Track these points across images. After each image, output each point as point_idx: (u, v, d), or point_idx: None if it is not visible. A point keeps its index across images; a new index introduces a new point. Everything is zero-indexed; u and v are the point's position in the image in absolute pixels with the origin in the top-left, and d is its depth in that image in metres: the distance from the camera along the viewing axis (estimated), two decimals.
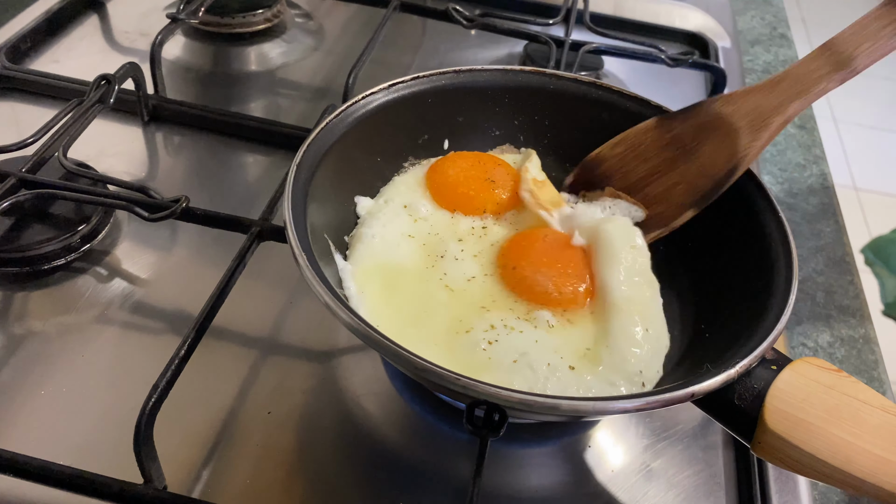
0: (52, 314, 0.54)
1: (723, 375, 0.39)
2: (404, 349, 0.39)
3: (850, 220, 0.75)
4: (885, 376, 0.60)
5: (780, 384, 0.39)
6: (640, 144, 0.56)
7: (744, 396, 0.40)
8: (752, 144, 0.51)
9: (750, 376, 0.40)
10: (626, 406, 0.39)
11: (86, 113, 0.61)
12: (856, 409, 0.38)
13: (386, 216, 0.55)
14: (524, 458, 0.50)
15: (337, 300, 0.41)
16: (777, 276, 0.46)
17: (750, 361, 0.40)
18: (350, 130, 0.54)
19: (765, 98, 0.51)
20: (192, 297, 0.54)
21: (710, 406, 0.41)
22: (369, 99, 0.56)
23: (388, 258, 0.52)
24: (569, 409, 0.38)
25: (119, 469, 0.43)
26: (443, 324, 0.49)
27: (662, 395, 0.39)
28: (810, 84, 0.50)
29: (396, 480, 0.47)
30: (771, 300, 0.44)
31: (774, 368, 0.40)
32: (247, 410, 0.50)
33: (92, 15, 0.87)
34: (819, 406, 0.38)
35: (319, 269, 0.44)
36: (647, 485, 0.49)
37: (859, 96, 2.80)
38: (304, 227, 0.47)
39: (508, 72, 0.61)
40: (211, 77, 0.81)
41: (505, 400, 0.38)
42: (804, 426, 0.38)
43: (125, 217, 0.62)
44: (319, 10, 0.95)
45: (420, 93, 0.58)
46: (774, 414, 0.39)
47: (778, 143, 0.84)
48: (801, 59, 0.51)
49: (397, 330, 0.44)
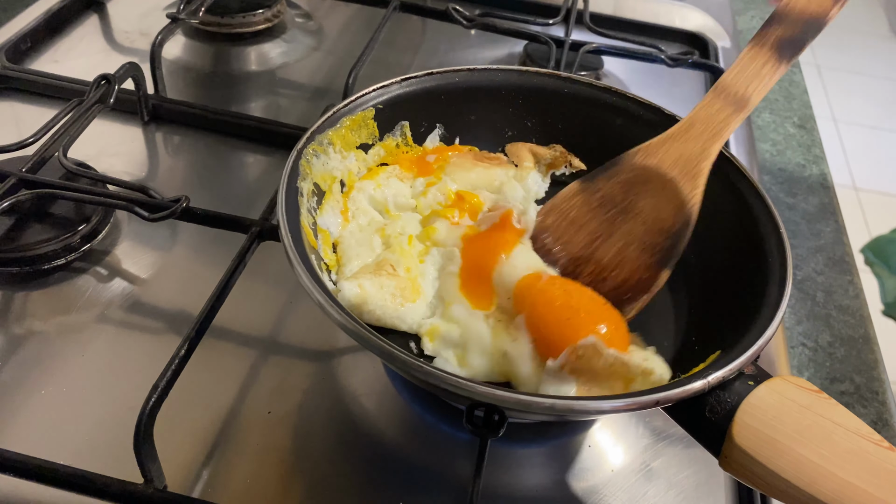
0: (52, 314, 0.54)
1: (691, 386, 0.39)
2: (398, 349, 0.39)
3: (850, 220, 0.75)
4: (885, 376, 0.60)
5: (753, 400, 0.39)
6: (569, 211, 0.55)
7: (716, 409, 0.39)
8: (694, 192, 0.51)
9: (725, 390, 0.39)
10: (589, 407, 0.39)
11: (86, 113, 0.61)
12: (829, 431, 0.37)
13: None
14: (524, 458, 0.50)
15: (329, 299, 0.41)
16: (768, 296, 0.45)
17: (723, 374, 0.39)
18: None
19: (685, 145, 0.53)
20: (192, 297, 0.54)
21: (680, 416, 0.41)
22: (381, 91, 0.56)
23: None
24: (539, 407, 0.39)
25: (119, 469, 0.43)
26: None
27: (625, 399, 0.39)
28: (719, 126, 0.52)
29: (396, 480, 0.47)
30: (757, 316, 0.44)
31: (751, 384, 0.40)
32: (247, 410, 0.50)
33: (92, 15, 0.87)
34: (790, 425, 0.38)
35: (312, 267, 0.44)
36: (647, 485, 0.49)
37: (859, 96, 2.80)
38: (297, 225, 0.47)
39: (524, 73, 0.61)
40: (211, 77, 0.81)
41: (500, 400, 0.38)
42: (772, 444, 0.37)
43: (125, 217, 0.62)
44: (319, 10, 0.95)
45: (433, 88, 0.58)
46: (743, 429, 0.38)
47: (778, 143, 0.84)
48: (701, 104, 0.54)
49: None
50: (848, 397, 0.58)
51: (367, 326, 0.41)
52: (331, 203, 0.54)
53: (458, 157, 0.60)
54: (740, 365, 0.40)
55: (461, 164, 0.59)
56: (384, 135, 0.58)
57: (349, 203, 0.55)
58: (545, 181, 0.61)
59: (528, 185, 0.60)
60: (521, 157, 0.61)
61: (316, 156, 0.52)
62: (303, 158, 0.51)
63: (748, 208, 0.51)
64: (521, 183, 0.60)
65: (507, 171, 0.60)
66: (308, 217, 0.50)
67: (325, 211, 0.53)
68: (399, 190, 0.57)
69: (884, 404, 0.58)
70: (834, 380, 0.59)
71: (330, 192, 0.54)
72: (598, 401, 0.40)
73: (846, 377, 0.60)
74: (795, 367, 0.60)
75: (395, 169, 0.58)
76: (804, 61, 0.99)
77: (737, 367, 0.40)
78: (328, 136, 0.54)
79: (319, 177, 0.53)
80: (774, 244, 0.48)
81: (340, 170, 0.55)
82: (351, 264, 0.52)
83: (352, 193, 0.56)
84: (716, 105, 0.53)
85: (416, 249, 0.53)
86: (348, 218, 0.55)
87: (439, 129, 0.61)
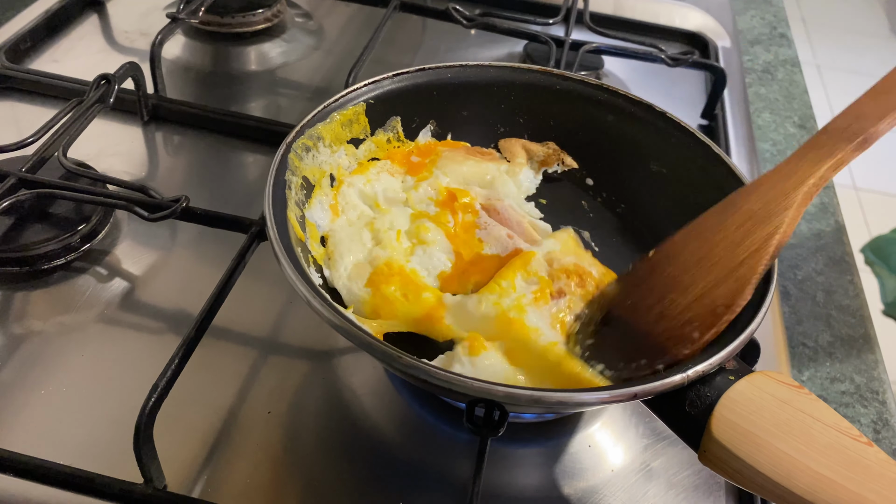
0: (52, 314, 0.54)
1: (670, 379, 0.39)
2: (392, 347, 0.39)
3: (850, 219, 0.75)
4: (885, 376, 0.60)
5: (732, 394, 0.39)
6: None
7: (695, 403, 0.39)
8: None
9: (705, 384, 0.40)
10: (573, 399, 0.40)
11: (86, 113, 0.61)
12: (807, 426, 0.37)
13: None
14: (524, 458, 0.50)
15: (319, 297, 0.41)
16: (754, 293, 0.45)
17: (703, 369, 0.39)
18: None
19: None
20: (192, 297, 0.54)
21: (661, 410, 0.41)
22: (372, 87, 0.56)
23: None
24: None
25: (119, 469, 0.43)
26: None
27: (602, 392, 0.40)
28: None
29: (396, 480, 0.47)
30: (743, 311, 0.44)
31: (732, 379, 0.40)
32: (247, 410, 0.50)
33: (92, 15, 0.87)
34: (769, 419, 0.38)
35: (297, 259, 0.44)
36: (647, 484, 0.49)
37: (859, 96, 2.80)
38: (283, 217, 0.47)
39: (516, 69, 0.61)
40: (211, 77, 0.81)
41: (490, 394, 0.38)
42: (749, 438, 0.37)
43: (125, 217, 0.62)
44: (319, 10, 0.95)
45: (425, 84, 0.59)
46: (721, 423, 0.38)
47: (778, 143, 0.84)
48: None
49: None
50: (848, 397, 0.58)
51: (351, 319, 0.41)
52: (319, 197, 0.54)
53: (450, 151, 0.60)
54: (720, 360, 0.40)
55: (453, 157, 0.59)
56: (376, 130, 0.58)
57: (339, 198, 0.55)
58: (537, 177, 0.61)
59: (520, 181, 0.60)
60: (514, 153, 0.61)
61: (306, 150, 0.53)
62: (292, 152, 0.51)
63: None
64: (513, 178, 0.60)
65: (498, 167, 0.60)
66: (296, 210, 0.50)
67: (313, 205, 0.53)
68: (389, 185, 0.57)
69: (884, 404, 0.58)
70: (834, 380, 0.59)
71: (319, 186, 0.54)
72: (579, 393, 0.41)
73: (846, 377, 0.60)
74: (795, 367, 0.60)
75: (385, 164, 0.58)
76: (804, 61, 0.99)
77: (717, 362, 0.40)
78: (318, 130, 0.54)
79: (308, 171, 0.53)
80: None
81: (330, 164, 0.55)
82: (344, 260, 0.52)
83: (342, 188, 0.56)
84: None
85: (405, 246, 0.54)
86: (338, 212, 0.55)
87: (431, 125, 0.61)
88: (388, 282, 0.50)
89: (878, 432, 0.56)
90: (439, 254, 0.54)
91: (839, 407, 0.57)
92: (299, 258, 0.46)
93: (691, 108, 0.85)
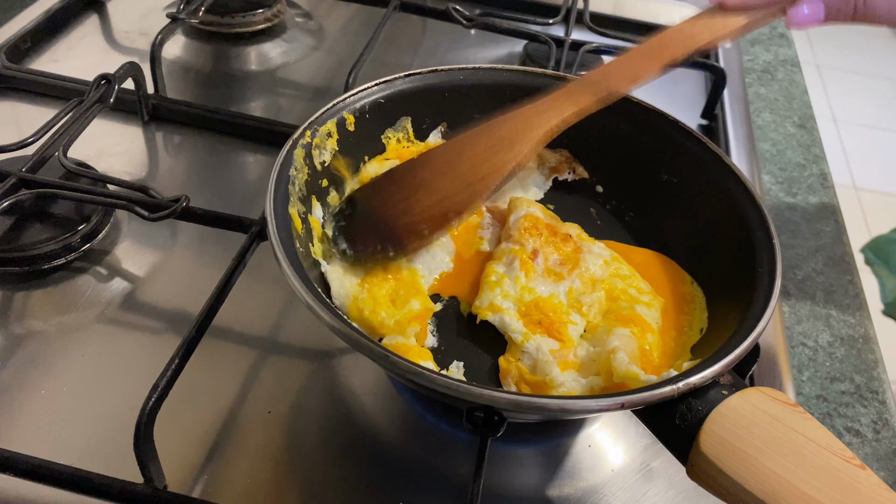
0: (52, 314, 0.54)
1: (660, 391, 0.39)
2: (389, 351, 0.39)
3: (850, 219, 0.75)
4: (885, 376, 0.60)
5: (723, 409, 0.38)
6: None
7: (686, 417, 0.38)
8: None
9: (698, 398, 0.39)
10: (544, 403, 0.39)
11: (86, 113, 0.61)
12: (799, 446, 0.37)
13: None
14: (524, 458, 0.50)
15: (319, 301, 0.41)
16: (753, 307, 0.45)
17: (695, 382, 0.39)
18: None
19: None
20: (192, 297, 0.54)
21: (651, 422, 0.40)
22: (384, 86, 0.57)
23: None
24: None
25: (119, 469, 0.43)
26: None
27: (588, 400, 0.39)
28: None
29: (396, 480, 0.47)
30: (738, 328, 0.44)
31: (725, 393, 0.39)
32: (247, 410, 0.50)
33: (92, 14, 0.87)
34: (759, 436, 0.37)
35: (301, 267, 0.44)
36: (647, 484, 0.49)
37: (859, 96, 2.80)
38: (284, 212, 0.47)
39: (528, 73, 0.61)
40: (211, 77, 0.81)
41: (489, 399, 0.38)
42: (737, 454, 0.37)
43: (125, 217, 0.62)
44: (319, 10, 0.95)
45: (437, 85, 0.59)
46: (710, 438, 0.37)
47: (778, 142, 0.84)
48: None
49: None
50: (848, 397, 0.58)
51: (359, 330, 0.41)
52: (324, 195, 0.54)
53: None
54: (714, 374, 0.39)
55: None
56: (386, 130, 0.58)
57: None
58: (546, 184, 0.61)
59: (528, 186, 0.60)
60: None
61: (316, 148, 0.53)
62: (300, 149, 0.51)
63: (742, 217, 0.51)
64: (521, 183, 0.60)
65: None
66: (299, 206, 0.50)
67: (316, 201, 0.53)
68: None
69: (884, 404, 0.58)
70: (834, 380, 0.59)
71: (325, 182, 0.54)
72: (565, 400, 0.40)
73: (846, 377, 0.60)
74: (795, 367, 0.60)
75: (394, 164, 0.58)
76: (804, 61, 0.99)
77: (710, 376, 0.39)
78: (328, 128, 0.54)
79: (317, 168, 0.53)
80: (766, 256, 0.48)
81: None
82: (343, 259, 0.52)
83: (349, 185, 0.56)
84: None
85: None
86: None
87: (442, 127, 0.61)
88: (381, 285, 0.51)
89: (878, 432, 0.56)
90: (442, 254, 0.54)
91: (839, 407, 0.57)
92: (299, 255, 0.46)
93: (691, 107, 0.85)
